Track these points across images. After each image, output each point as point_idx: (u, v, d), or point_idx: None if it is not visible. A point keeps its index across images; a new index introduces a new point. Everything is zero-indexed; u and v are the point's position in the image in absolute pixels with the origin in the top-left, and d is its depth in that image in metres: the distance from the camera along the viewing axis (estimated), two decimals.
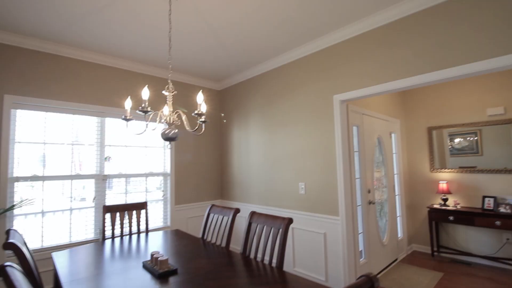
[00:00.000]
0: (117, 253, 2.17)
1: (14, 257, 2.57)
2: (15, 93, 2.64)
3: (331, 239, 2.78)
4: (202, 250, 2.22)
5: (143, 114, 1.63)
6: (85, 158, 3.05)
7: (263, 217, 2.14)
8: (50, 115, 2.86)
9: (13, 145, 2.64)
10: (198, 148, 4.05)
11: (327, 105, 2.87)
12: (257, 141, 3.69)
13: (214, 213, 2.65)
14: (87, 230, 3.03)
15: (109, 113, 3.22)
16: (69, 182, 2.94)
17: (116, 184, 3.27)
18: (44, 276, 2.70)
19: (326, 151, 2.86)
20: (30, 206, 2.69)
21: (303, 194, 3.06)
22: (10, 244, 1.41)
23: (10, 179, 2.59)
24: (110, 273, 1.77)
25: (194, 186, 3.96)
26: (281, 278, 1.63)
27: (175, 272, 1.76)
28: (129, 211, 2.85)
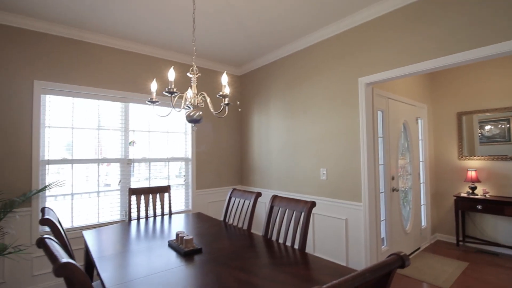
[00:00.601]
0: (143, 233, 2.25)
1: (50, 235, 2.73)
2: (44, 79, 2.73)
3: (353, 225, 2.74)
4: (225, 232, 2.25)
5: (168, 95, 1.64)
6: (111, 142, 3.15)
7: (285, 200, 2.13)
8: (77, 100, 2.95)
9: (44, 129, 2.75)
10: (218, 134, 4.08)
11: (352, 89, 2.78)
12: (277, 127, 3.65)
13: (235, 196, 2.67)
14: (113, 212, 3.15)
15: (133, 98, 3.29)
16: (95, 166, 3.05)
17: (138, 169, 3.36)
18: (75, 254, 2.86)
19: (350, 136, 2.79)
20: (60, 188, 2.82)
21: (324, 180, 3.02)
22: (47, 220, 1.49)
23: (41, 162, 2.72)
24: (137, 250, 1.83)
25: (215, 172, 4.01)
26: (304, 259, 1.63)
27: (200, 251, 1.80)
28: (153, 194, 2.93)
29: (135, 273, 1.47)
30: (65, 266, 0.85)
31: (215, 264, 1.59)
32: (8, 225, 2.49)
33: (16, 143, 2.58)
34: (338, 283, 0.65)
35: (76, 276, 0.86)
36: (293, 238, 1.94)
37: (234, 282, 1.35)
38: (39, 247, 1.13)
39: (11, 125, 2.56)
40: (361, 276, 0.71)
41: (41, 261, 2.67)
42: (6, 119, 2.54)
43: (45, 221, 1.48)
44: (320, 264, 1.57)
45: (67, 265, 0.85)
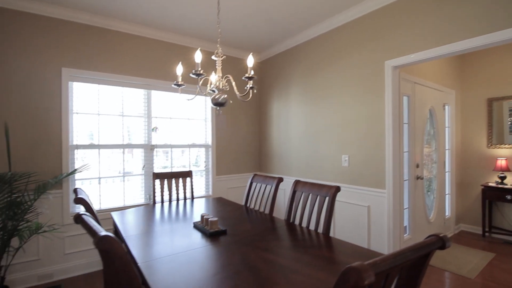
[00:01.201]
0: (168, 215, 2.31)
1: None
2: (71, 66, 2.81)
3: (376, 213, 2.70)
4: (247, 215, 2.28)
5: (195, 77, 1.64)
6: (134, 129, 3.22)
7: (308, 185, 2.12)
8: (102, 87, 3.02)
9: (72, 115, 2.85)
10: (237, 121, 4.08)
11: (377, 73, 2.68)
12: (297, 113, 3.61)
13: (256, 182, 2.68)
14: (138, 196, 3.26)
15: (155, 85, 3.33)
16: (120, 151, 3.14)
17: (160, 155, 3.43)
18: None
19: (374, 122, 2.71)
20: (88, 172, 2.93)
21: (346, 166, 2.97)
22: (81, 199, 1.55)
23: (71, 146, 2.83)
24: (164, 230, 1.89)
25: (234, 158, 4.04)
26: (329, 242, 1.62)
27: (224, 232, 1.83)
28: (175, 179, 2.99)
29: (164, 251, 1.52)
30: (105, 239, 0.88)
31: (240, 245, 1.61)
32: (42, 205, 2.63)
33: (47, 128, 2.69)
34: (381, 259, 0.64)
35: (114, 248, 0.90)
36: (316, 222, 1.93)
37: (261, 262, 1.37)
38: (77, 223, 1.18)
39: (42, 111, 2.67)
40: (402, 255, 0.70)
41: (73, 240, 2.81)
42: (38, 105, 2.65)
43: (79, 200, 1.55)
44: (345, 247, 1.56)
45: (106, 237, 0.88)
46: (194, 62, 3.62)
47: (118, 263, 0.90)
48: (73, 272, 2.81)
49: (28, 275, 2.59)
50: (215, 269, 1.29)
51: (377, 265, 0.62)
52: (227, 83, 1.83)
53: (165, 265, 1.35)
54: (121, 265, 0.90)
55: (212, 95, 1.78)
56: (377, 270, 0.61)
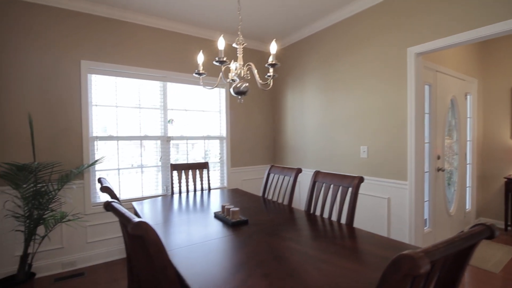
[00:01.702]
0: (188, 205, 2.33)
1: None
2: (89, 58, 2.83)
3: (396, 205, 2.65)
4: (266, 206, 2.27)
5: (218, 65, 1.62)
6: (151, 120, 3.24)
7: (329, 176, 2.08)
8: (119, 80, 3.04)
9: (91, 107, 2.88)
10: (251, 112, 4.06)
11: (399, 60, 2.60)
12: (313, 104, 3.55)
13: (274, 173, 2.67)
14: (155, 187, 3.30)
15: (171, 77, 3.33)
16: (138, 143, 3.17)
17: (176, 146, 3.45)
18: None
19: (395, 112, 2.64)
20: (107, 164, 2.98)
21: (365, 158, 2.92)
22: (107, 188, 1.57)
23: (91, 138, 2.87)
24: (185, 220, 1.90)
25: (248, 150, 4.03)
26: (353, 233, 1.60)
27: (246, 222, 1.83)
28: (192, 170, 3.01)
29: (188, 240, 1.53)
30: (140, 225, 0.88)
31: (263, 234, 1.60)
32: (66, 195, 2.69)
33: (68, 120, 2.74)
34: (433, 248, 0.61)
35: (150, 234, 0.90)
36: (339, 213, 1.90)
37: (287, 252, 1.36)
38: (108, 210, 1.19)
39: (63, 103, 2.71)
40: (452, 244, 0.67)
41: (94, 229, 2.88)
42: (59, 97, 2.69)
43: (106, 189, 1.57)
44: (372, 238, 1.53)
45: (141, 223, 0.88)
46: (211, 53, 3.60)
47: (153, 249, 0.90)
48: (95, 260, 2.88)
49: (53, 263, 2.67)
50: (242, 258, 1.29)
51: (431, 253, 0.59)
52: (248, 72, 1.79)
53: (191, 253, 1.36)
54: (155, 252, 0.90)
55: (233, 84, 1.75)
56: (432, 258, 0.59)
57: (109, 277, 2.64)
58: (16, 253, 2.51)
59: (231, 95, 3.83)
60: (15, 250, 2.51)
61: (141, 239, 0.95)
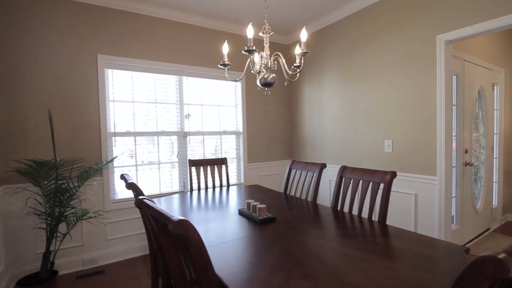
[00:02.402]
0: (210, 202, 2.27)
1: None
2: (106, 52, 2.79)
3: (424, 201, 2.54)
4: (290, 203, 2.19)
5: (247, 54, 1.54)
6: (167, 116, 3.19)
7: (358, 171, 1.99)
8: (136, 74, 2.99)
9: (108, 103, 2.85)
10: (268, 107, 3.97)
11: (427, 49, 2.47)
12: (332, 96, 3.44)
13: (296, 168, 2.59)
14: (172, 183, 3.26)
15: (187, 71, 3.27)
16: (155, 138, 3.13)
17: (192, 142, 3.40)
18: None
19: (422, 103, 2.52)
20: (125, 160, 2.95)
21: (389, 152, 2.81)
22: (132, 184, 1.52)
23: (109, 134, 2.84)
24: (210, 217, 1.84)
25: (265, 146, 3.96)
26: (389, 231, 1.51)
27: (274, 219, 1.76)
28: (211, 166, 2.95)
29: (216, 239, 1.47)
30: (182, 223, 0.82)
31: (295, 232, 1.53)
32: (86, 191, 2.67)
33: (87, 116, 2.71)
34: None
35: (190, 233, 0.83)
36: (370, 210, 1.82)
37: (324, 251, 1.28)
38: (140, 208, 1.13)
39: (81, 98, 2.68)
40: None
41: (114, 226, 2.86)
42: (76, 93, 2.66)
43: (131, 185, 1.52)
44: (407, 236, 1.44)
45: (183, 222, 0.82)
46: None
47: (194, 249, 0.84)
48: (115, 258, 2.87)
49: (74, 260, 2.66)
50: (278, 258, 1.22)
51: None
52: (275, 62, 1.71)
53: (223, 252, 1.30)
54: (196, 251, 0.84)
55: (260, 75, 1.67)
56: None
57: (130, 274, 2.62)
58: (38, 251, 2.50)
59: (247, 89, 3.75)
60: (37, 247, 2.50)
61: (182, 238, 0.88)
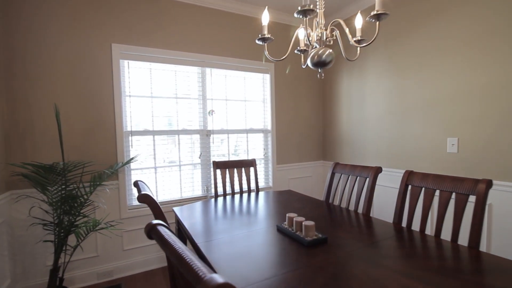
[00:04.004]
0: (238, 212, 1.90)
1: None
2: (121, 41, 2.49)
3: (501, 211, 2.03)
4: (337, 215, 1.78)
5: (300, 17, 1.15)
6: (189, 112, 2.86)
7: (432, 178, 1.54)
8: (154, 66, 2.68)
9: (124, 98, 2.56)
10: (299, 102, 3.55)
11: (504, 28, 1.95)
12: (376, 89, 2.97)
13: (340, 172, 2.16)
14: (194, 187, 2.93)
15: (210, 62, 2.92)
16: (175, 137, 2.81)
17: (216, 141, 3.05)
18: None
19: (500, 93, 2.01)
20: (144, 162, 2.65)
21: (454, 153, 2.31)
22: (145, 196, 1.17)
23: (125, 133, 2.55)
24: (242, 236, 1.47)
25: (295, 145, 3.54)
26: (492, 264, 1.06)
27: (325, 240, 1.36)
28: (237, 168, 2.59)
29: (257, 271, 1.09)
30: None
31: (359, 262, 1.12)
32: (99, 198, 2.39)
33: (100, 112, 2.43)
34: None
35: None
36: (454, 230, 1.37)
37: None
38: (150, 238, 0.77)
39: (94, 93, 2.40)
40: None
41: (131, 235, 2.57)
42: (88, 87, 2.38)
43: (144, 197, 1.17)
44: None
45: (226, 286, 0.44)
46: (254, 33, 3.14)
47: None
48: (133, 270, 2.58)
49: (87, 273, 2.39)
50: None
51: None
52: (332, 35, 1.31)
53: None
54: None
55: (313, 51, 1.27)
56: None
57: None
58: (48, 263, 2.25)
59: (277, 82, 3.35)
60: (47, 259, 2.25)
61: None
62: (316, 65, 1.29)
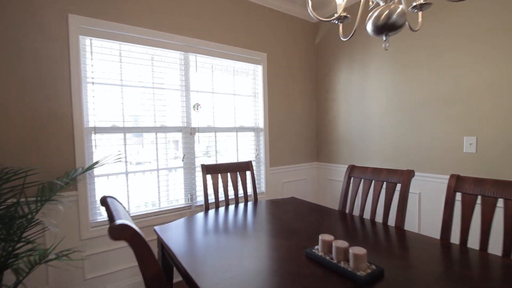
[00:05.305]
0: (241, 231, 1.48)
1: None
2: (82, 13, 1.95)
3: None
4: (370, 232, 1.43)
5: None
6: (168, 106, 2.38)
7: (491, 183, 1.25)
8: (126, 47, 2.16)
9: (86, 85, 2.01)
10: (292, 97, 3.20)
11: None
12: (380, 84, 2.71)
13: (360, 176, 1.83)
14: (176, 195, 2.44)
15: (195, 47, 2.46)
16: (153, 136, 2.30)
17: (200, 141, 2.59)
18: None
19: None
20: (111, 166, 2.12)
21: (471, 153, 2.09)
22: (122, 229, 0.71)
23: (86, 129, 2.01)
24: (256, 265, 1.05)
25: (289, 145, 3.18)
26: None
27: (382, 274, 0.99)
28: (231, 173, 2.16)
29: None
30: None
31: None
32: (48, 218, 1.81)
33: (52, 104, 1.86)
34: None
35: None
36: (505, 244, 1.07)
37: None
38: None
39: (43, 79, 1.83)
40: None
41: (96, 260, 2.02)
42: (36, 70, 1.80)
43: (121, 230, 0.71)
44: None
45: None
46: (252, 18, 2.73)
47: None
48: None
49: None
50: None
51: None
52: None
53: None
54: None
55: (378, 9, 0.90)
56: None
57: None
58: None
59: (270, 74, 2.96)
60: None
61: None
62: (381, 29, 0.92)
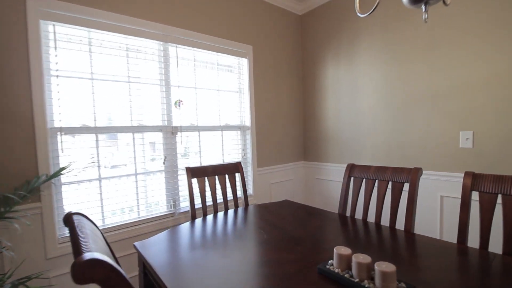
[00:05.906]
0: (235, 243, 1.30)
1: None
2: None
3: None
4: (382, 238, 1.30)
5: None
6: (147, 102, 2.13)
7: (510, 180, 1.15)
8: (96, 35, 1.90)
9: (49, 79, 1.73)
10: (280, 93, 3.05)
11: None
12: (370, 79, 2.62)
13: (361, 176, 1.70)
14: (157, 202, 2.20)
15: (175, 37, 2.23)
16: (129, 136, 2.05)
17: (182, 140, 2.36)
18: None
19: None
20: (83, 171, 1.85)
21: (468, 148, 2.04)
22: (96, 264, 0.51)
23: (50, 130, 1.73)
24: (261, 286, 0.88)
25: (276, 144, 3.03)
26: None
27: None
28: (219, 176, 1.97)
29: None
30: None
31: None
32: (1, 239, 1.51)
33: (8, 100, 1.57)
34: None
35: None
36: None
37: None
38: None
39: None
40: None
41: (64, 281, 1.75)
42: None
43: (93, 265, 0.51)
44: None
45: None
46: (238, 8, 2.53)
47: None
48: None
49: None
50: None
51: None
52: None
53: None
54: None
55: None
56: None
57: None
58: None
59: (256, 67, 2.79)
60: None
61: None
62: None
